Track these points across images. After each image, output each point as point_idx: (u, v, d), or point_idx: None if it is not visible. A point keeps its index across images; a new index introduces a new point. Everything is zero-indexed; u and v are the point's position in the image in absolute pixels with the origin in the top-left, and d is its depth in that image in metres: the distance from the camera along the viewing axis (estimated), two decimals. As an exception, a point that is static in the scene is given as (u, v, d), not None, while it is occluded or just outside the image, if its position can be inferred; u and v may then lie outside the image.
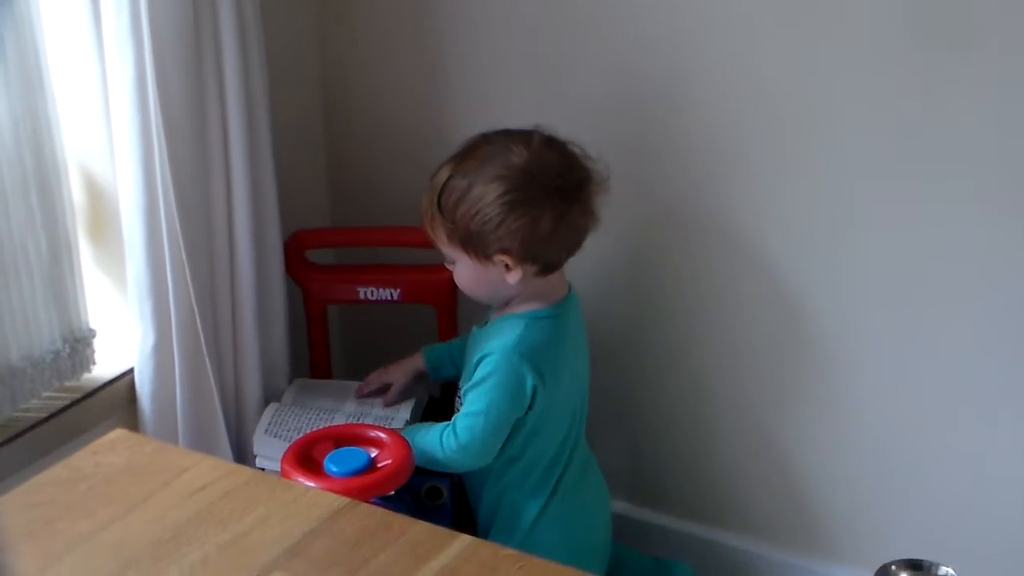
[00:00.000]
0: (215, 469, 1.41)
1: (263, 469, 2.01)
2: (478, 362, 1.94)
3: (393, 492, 1.92)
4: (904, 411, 2.02)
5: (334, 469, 1.85)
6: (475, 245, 1.89)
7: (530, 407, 1.92)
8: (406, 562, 1.27)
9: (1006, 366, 1.92)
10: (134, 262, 1.96)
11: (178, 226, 1.93)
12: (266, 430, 2.04)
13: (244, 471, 1.44)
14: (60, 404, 1.95)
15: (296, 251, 2.22)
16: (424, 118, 2.27)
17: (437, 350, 2.15)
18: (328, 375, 2.29)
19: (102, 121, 1.95)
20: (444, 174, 1.90)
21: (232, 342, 2.07)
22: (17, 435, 1.88)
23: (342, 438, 1.92)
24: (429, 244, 2.07)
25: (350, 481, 1.84)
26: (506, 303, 1.97)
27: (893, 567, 1.17)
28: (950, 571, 1.16)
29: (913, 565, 1.17)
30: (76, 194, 1.97)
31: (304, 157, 2.35)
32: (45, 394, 1.95)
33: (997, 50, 1.79)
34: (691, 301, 2.15)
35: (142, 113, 1.88)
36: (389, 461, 1.87)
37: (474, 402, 1.93)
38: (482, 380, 1.92)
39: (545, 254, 1.90)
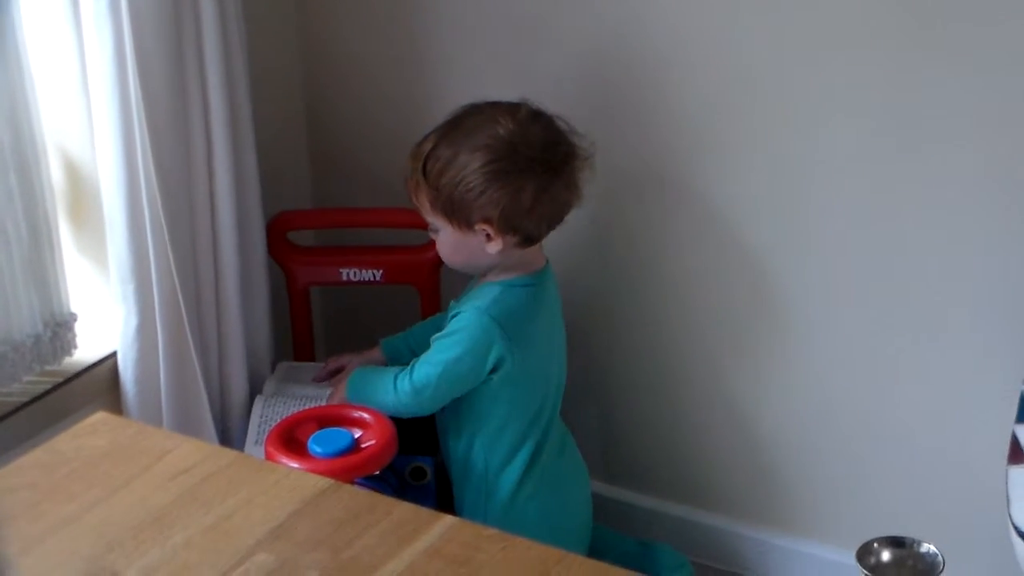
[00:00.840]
0: (198, 451, 1.40)
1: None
2: (452, 318, 1.96)
3: (378, 472, 1.92)
4: (882, 390, 2.03)
5: (318, 450, 1.85)
6: (457, 213, 1.90)
7: (494, 369, 1.93)
8: (390, 543, 1.27)
9: (978, 345, 1.94)
10: (115, 244, 1.95)
11: (160, 207, 1.92)
12: (256, 440, 2.02)
13: (227, 453, 1.43)
14: (42, 388, 1.95)
15: (279, 232, 2.22)
16: (405, 99, 2.26)
17: (394, 341, 2.15)
18: (311, 357, 2.28)
19: (81, 101, 1.94)
20: (430, 142, 1.91)
21: (215, 323, 2.07)
22: (-1, 419, 1.88)
23: (326, 419, 1.93)
24: (411, 225, 2.09)
25: (334, 462, 1.84)
26: (485, 273, 1.98)
27: (875, 544, 1.17)
28: (931, 547, 1.16)
29: (895, 542, 1.17)
30: (55, 176, 1.96)
31: (285, 137, 2.34)
32: (26, 378, 1.95)
33: (975, 34, 1.79)
34: (666, 280, 2.15)
35: (122, 93, 1.87)
36: (373, 441, 1.87)
37: (438, 351, 1.94)
38: (450, 333, 1.95)
39: (526, 226, 1.91)
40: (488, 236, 1.91)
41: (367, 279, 2.21)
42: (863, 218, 1.96)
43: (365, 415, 1.94)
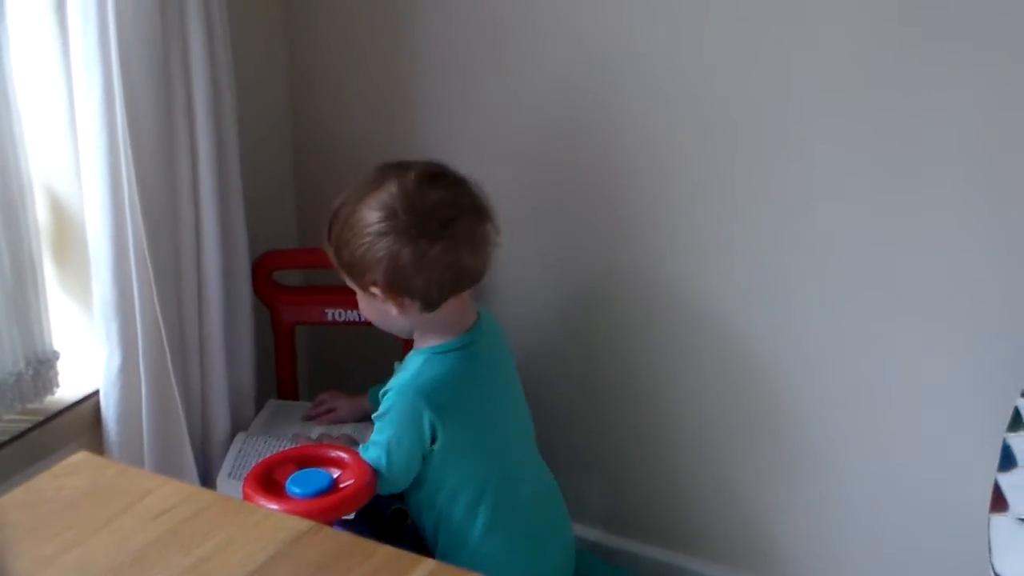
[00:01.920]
0: (178, 492, 1.40)
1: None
2: (383, 395, 1.95)
3: (354, 515, 1.92)
4: (867, 440, 2.03)
5: (296, 491, 1.84)
6: (353, 275, 1.91)
7: (433, 440, 1.91)
8: (370, 586, 1.27)
9: (960, 396, 1.94)
10: (100, 283, 1.94)
11: (145, 247, 1.92)
12: (230, 473, 2.02)
13: (207, 494, 1.42)
14: (23, 427, 1.94)
15: (264, 272, 2.22)
16: (393, 140, 2.27)
17: (380, 390, 2.11)
18: (295, 395, 2.28)
19: (68, 141, 1.94)
20: (337, 202, 1.92)
21: (199, 363, 2.06)
22: (-21, 457, 1.87)
23: (304, 459, 1.92)
24: None
25: (312, 503, 1.83)
26: (412, 337, 1.98)
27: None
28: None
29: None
30: (41, 215, 1.96)
31: (272, 177, 2.35)
32: (7, 417, 1.94)
33: (970, 42, 1.80)
34: (644, 328, 2.16)
35: (109, 133, 1.87)
36: (351, 481, 1.87)
37: (378, 433, 1.93)
38: (382, 414, 1.93)
39: (416, 290, 1.88)
40: (382, 299, 1.90)
41: (352, 319, 2.21)
42: (850, 246, 1.97)
43: (344, 455, 1.93)
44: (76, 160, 1.93)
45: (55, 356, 1.99)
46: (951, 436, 1.96)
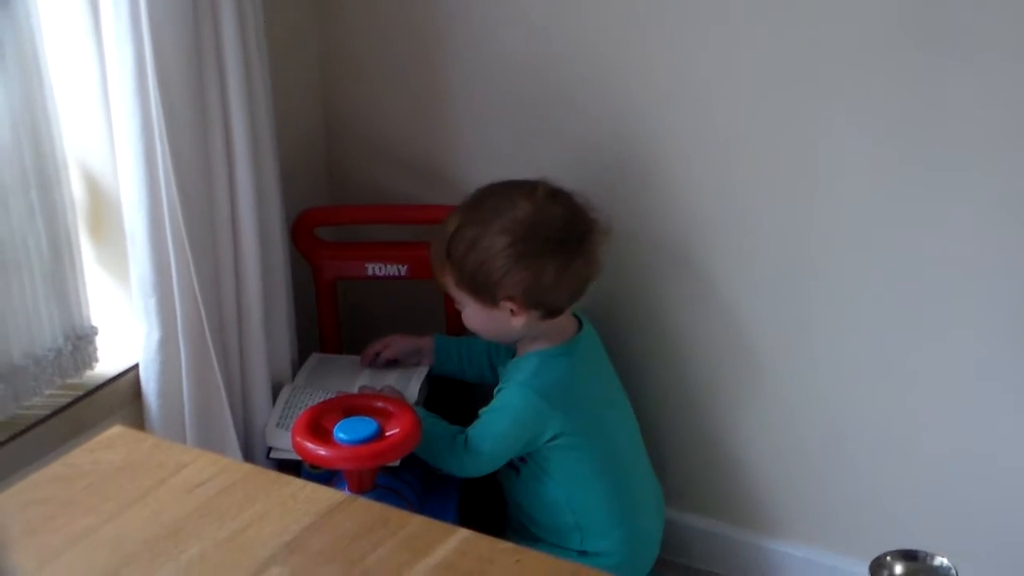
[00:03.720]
0: (213, 464, 1.41)
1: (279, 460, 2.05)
2: (496, 392, 2.04)
3: (399, 463, 1.97)
4: (895, 403, 2.03)
5: (343, 437, 1.88)
6: (482, 292, 1.97)
7: (552, 438, 2.00)
8: (403, 556, 1.27)
9: (988, 354, 1.93)
10: (137, 258, 1.96)
11: (181, 221, 1.93)
12: (278, 423, 2.05)
13: (242, 467, 1.43)
14: (63, 402, 1.96)
15: (306, 228, 2.25)
16: (421, 102, 2.27)
17: (449, 343, 2.20)
18: (339, 351, 2.30)
19: (102, 116, 1.95)
20: (453, 223, 1.98)
21: (237, 335, 2.07)
22: (20, 432, 1.89)
23: (351, 408, 1.97)
24: (438, 221, 2.13)
25: (359, 449, 1.87)
26: (518, 342, 2.06)
27: (888, 558, 1.16)
28: (944, 561, 1.15)
29: (908, 555, 1.16)
30: (76, 190, 1.97)
31: (305, 148, 2.35)
32: (48, 392, 1.96)
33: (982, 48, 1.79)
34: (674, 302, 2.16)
35: (143, 107, 1.88)
36: (397, 430, 1.90)
37: (486, 425, 2.02)
38: (495, 409, 2.02)
39: (549, 301, 1.98)
40: (512, 311, 1.97)
41: (392, 274, 2.24)
42: (868, 234, 1.96)
43: (389, 406, 1.96)
44: (110, 136, 1.94)
45: (93, 331, 2.01)
46: (990, 399, 1.95)
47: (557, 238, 1.96)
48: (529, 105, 2.17)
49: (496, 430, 2.02)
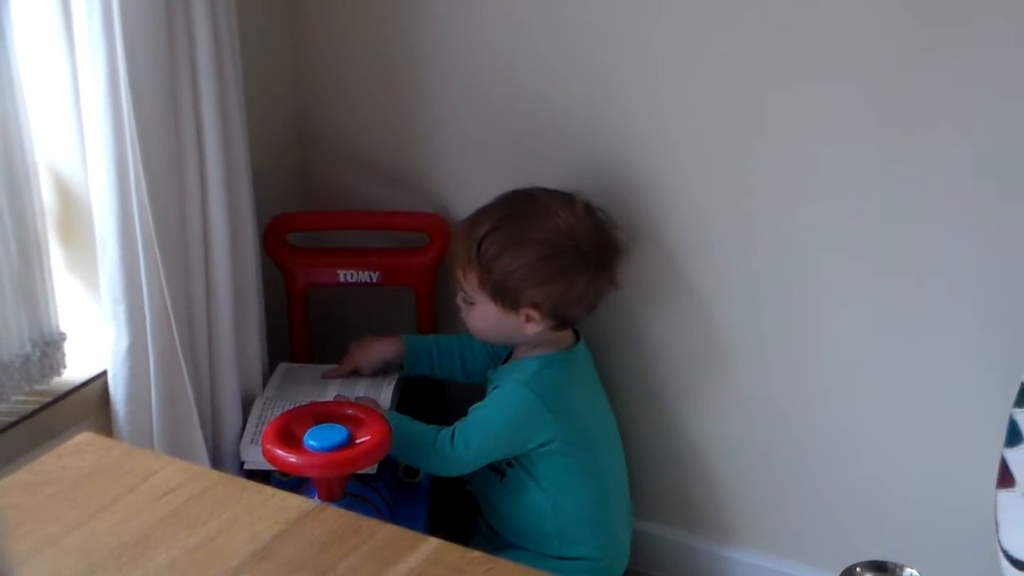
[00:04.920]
0: (182, 472, 1.40)
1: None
2: (492, 389, 2.04)
3: (374, 471, 1.97)
4: (868, 413, 2.03)
5: (313, 444, 1.88)
6: (505, 296, 1.97)
7: (545, 440, 2.00)
8: (373, 565, 1.27)
9: (967, 366, 1.94)
10: (107, 264, 1.94)
11: (152, 227, 1.92)
12: (252, 439, 2.04)
13: (211, 474, 1.42)
14: (30, 408, 1.95)
15: (278, 234, 2.24)
16: (396, 105, 2.27)
17: (418, 342, 2.18)
18: (309, 359, 2.29)
19: (73, 121, 1.94)
20: (484, 226, 1.97)
21: (207, 342, 2.07)
22: (-13, 438, 1.88)
23: (321, 415, 1.96)
24: (410, 228, 2.20)
25: (329, 456, 1.87)
26: (514, 346, 2.07)
27: (858, 568, 1.17)
28: (914, 572, 1.16)
29: (878, 567, 1.17)
30: (46, 195, 1.96)
31: (277, 150, 2.34)
32: (15, 398, 1.94)
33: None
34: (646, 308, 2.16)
35: (114, 112, 1.87)
36: (367, 437, 1.90)
37: (479, 421, 2.01)
38: (490, 405, 2.02)
39: (570, 314, 2.01)
40: (529, 318, 1.98)
41: (364, 281, 2.24)
42: (833, 249, 1.97)
43: (360, 413, 1.96)
44: (81, 141, 1.93)
45: (62, 337, 1.99)
46: (957, 406, 1.96)
47: (592, 254, 1.98)
48: (503, 112, 2.17)
49: (489, 427, 2.01)
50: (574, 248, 1.97)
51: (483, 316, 2.02)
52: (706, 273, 2.09)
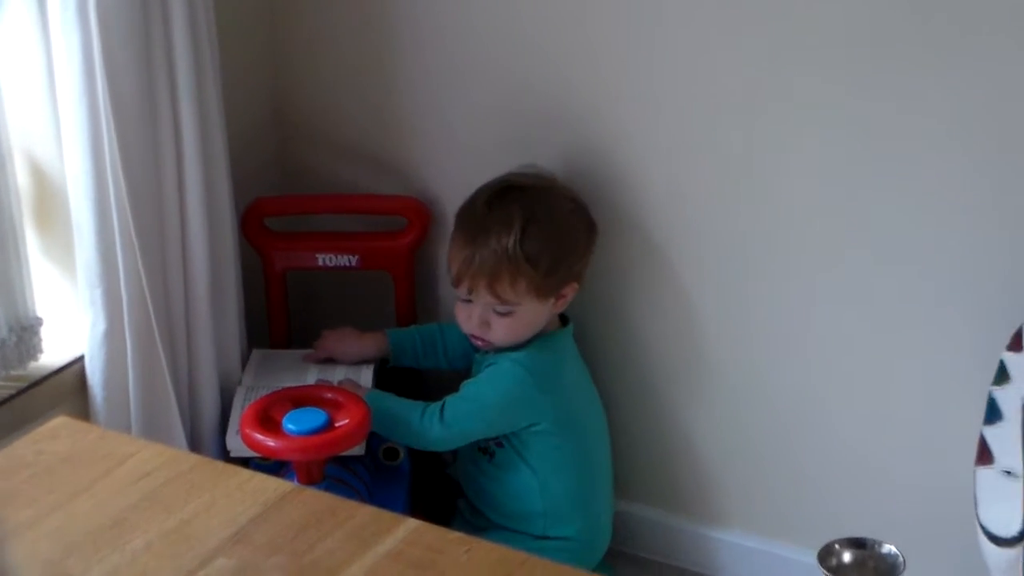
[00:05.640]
0: (159, 455, 1.39)
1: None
2: (486, 367, 2.04)
3: (360, 452, 1.99)
4: (846, 391, 2.04)
5: (292, 428, 1.87)
6: (551, 285, 1.98)
7: (534, 419, 2.01)
8: (352, 546, 1.26)
9: (945, 346, 1.95)
10: (83, 249, 1.93)
11: (128, 211, 1.91)
12: (237, 431, 2.02)
13: (188, 457, 1.42)
14: (6, 393, 1.94)
15: (256, 218, 2.23)
16: (373, 85, 2.26)
17: (402, 336, 2.18)
18: (288, 344, 2.29)
19: (48, 105, 1.93)
20: (512, 228, 1.95)
21: (185, 326, 2.06)
22: (-36, 424, 1.87)
23: (300, 399, 1.96)
24: (389, 212, 2.19)
25: (308, 440, 1.86)
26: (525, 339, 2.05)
27: (836, 545, 1.17)
28: (892, 548, 1.16)
29: (856, 543, 1.17)
30: (21, 179, 1.95)
31: (255, 134, 2.33)
32: (-9, 383, 1.93)
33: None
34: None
35: (90, 96, 1.86)
36: (346, 421, 1.89)
37: (471, 394, 2.02)
38: (484, 380, 2.03)
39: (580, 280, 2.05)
40: (562, 296, 2.01)
41: (343, 264, 2.23)
42: (824, 217, 1.97)
43: (339, 397, 1.95)
44: (56, 125, 1.91)
45: (38, 322, 1.98)
46: (936, 385, 1.97)
47: (586, 211, 2.05)
48: (483, 96, 2.16)
49: (481, 402, 2.02)
50: (578, 204, 2.03)
51: (523, 321, 2.00)
52: (690, 259, 2.09)
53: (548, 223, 1.98)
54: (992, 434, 1.77)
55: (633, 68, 2.02)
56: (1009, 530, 1.72)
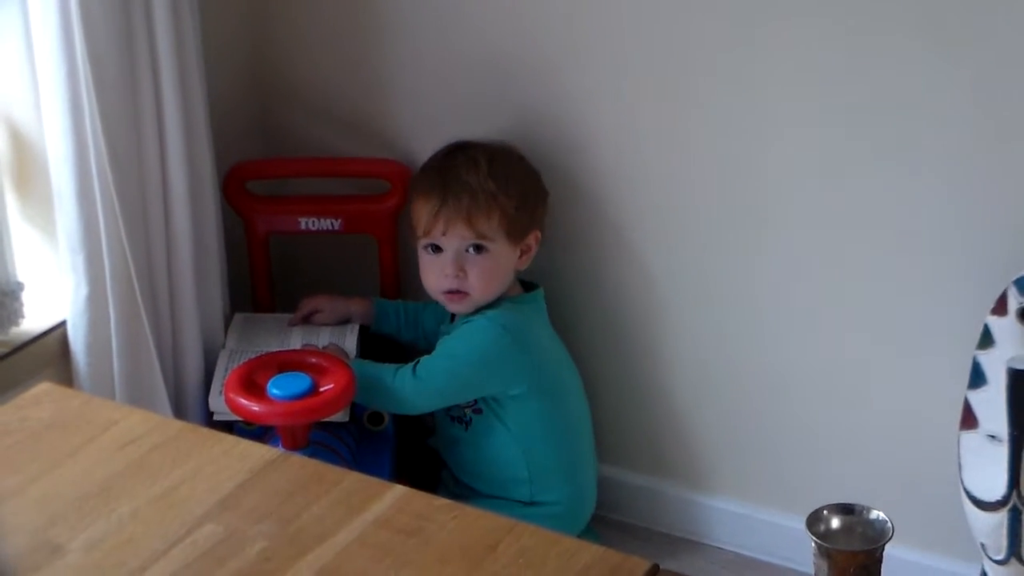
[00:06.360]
0: (144, 422, 1.39)
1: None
2: (462, 324, 2.03)
3: (343, 418, 1.98)
4: (832, 357, 2.04)
5: (277, 393, 1.86)
6: (520, 223, 2.01)
7: (512, 379, 2.01)
8: (339, 513, 1.26)
9: (929, 311, 1.94)
10: (64, 214, 1.92)
11: (109, 175, 1.89)
12: (221, 391, 2.02)
13: (174, 424, 1.42)
14: (-12, 359, 1.93)
15: (237, 181, 2.22)
16: (355, 47, 2.24)
17: (387, 305, 2.20)
18: (271, 308, 2.28)
19: (26, 68, 1.91)
20: (480, 169, 1.99)
21: (168, 291, 2.05)
22: (-56, 390, 1.85)
23: (285, 364, 1.95)
24: (372, 175, 2.18)
25: (292, 404, 1.86)
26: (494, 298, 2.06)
27: (825, 512, 1.17)
28: (880, 514, 1.16)
29: (845, 509, 1.17)
30: (0, 145, 1.93)
31: (236, 97, 2.31)
32: (-28, 349, 1.92)
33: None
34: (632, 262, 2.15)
35: (68, 59, 1.84)
36: (331, 386, 1.89)
37: (445, 352, 2.02)
38: (460, 336, 2.02)
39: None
40: (526, 249, 2.04)
41: (326, 228, 2.22)
42: (814, 183, 1.96)
43: (323, 361, 1.94)
44: (35, 88, 1.89)
45: (19, 287, 1.97)
46: (921, 349, 1.96)
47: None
48: (465, 59, 2.15)
49: (456, 359, 2.01)
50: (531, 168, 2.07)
51: (498, 264, 2.01)
52: (663, 217, 2.08)
53: (508, 162, 2.03)
54: (976, 398, 1.78)
55: (614, 35, 2.01)
56: (993, 494, 1.74)
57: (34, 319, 2.00)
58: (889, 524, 1.15)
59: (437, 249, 2.02)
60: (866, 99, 1.87)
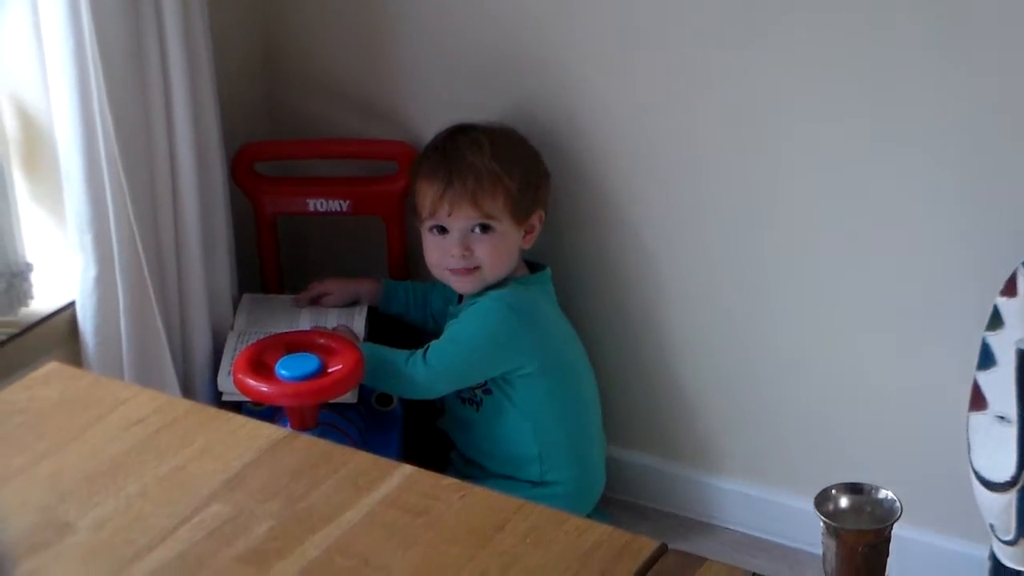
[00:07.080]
0: (152, 401, 1.39)
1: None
2: (468, 306, 2.03)
3: (352, 399, 1.98)
4: (843, 339, 2.04)
5: (285, 373, 1.87)
6: (524, 203, 2.01)
7: (521, 359, 2.01)
8: (347, 493, 1.26)
9: (939, 292, 1.94)
10: (72, 194, 1.92)
11: (117, 156, 1.89)
12: (229, 371, 2.02)
13: (182, 403, 1.42)
14: (-2, 339, 1.93)
15: (246, 163, 2.22)
16: (363, 29, 2.24)
17: (395, 286, 2.20)
18: (279, 289, 2.28)
19: (34, 48, 1.90)
20: (484, 150, 2.00)
21: (176, 271, 2.05)
22: (-46, 370, 1.86)
23: (293, 344, 1.95)
24: (380, 156, 2.18)
25: (301, 385, 1.86)
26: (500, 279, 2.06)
27: (833, 491, 1.17)
28: (889, 494, 1.16)
29: (853, 488, 1.17)
30: (9, 125, 1.93)
31: (245, 78, 2.31)
32: (-19, 329, 1.92)
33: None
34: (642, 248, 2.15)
35: (76, 39, 1.84)
36: (339, 366, 1.89)
37: (454, 335, 2.02)
38: (469, 319, 2.02)
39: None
40: (530, 229, 2.04)
41: (334, 209, 2.22)
42: (824, 159, 1.96)
43: (332, 343, 1.94)
44: (43, 69, 1.89)
45: (28, 268, 1.97)
46: (930, 331, 1.96)
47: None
48: (474, 40, 2.15)
49: (465, 341, 2.01)
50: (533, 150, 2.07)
51: (504, 242, 2.01)
52: (680, 196, 2.07)
53: (511, 143, 2.04)
54: (986, 379, 1.77)
55: (631, 21, 2.00)
56: (1003, 475, 1.73)
57: (43, 300, 2.01)
58: (898, 503, 1.15)
59: (443, 230, 2.02)
60: (875, 83, 1.86)
